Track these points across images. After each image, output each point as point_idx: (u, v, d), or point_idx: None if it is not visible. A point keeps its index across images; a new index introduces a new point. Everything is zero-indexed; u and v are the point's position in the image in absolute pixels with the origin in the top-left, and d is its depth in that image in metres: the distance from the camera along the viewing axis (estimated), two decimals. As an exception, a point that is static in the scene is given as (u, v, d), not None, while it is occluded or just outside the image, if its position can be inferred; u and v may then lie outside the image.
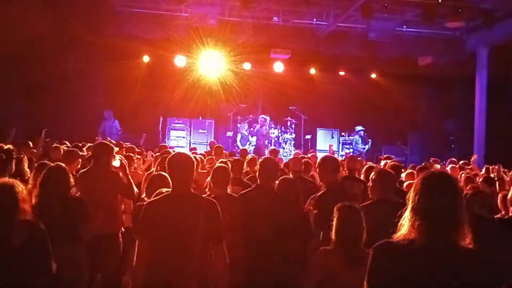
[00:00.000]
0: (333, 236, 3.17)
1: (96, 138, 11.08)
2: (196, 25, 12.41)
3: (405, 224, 1.98)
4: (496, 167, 6.62)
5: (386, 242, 2.01)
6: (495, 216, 3.99)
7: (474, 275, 1.93)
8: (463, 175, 7.57)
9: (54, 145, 7.00)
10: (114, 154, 4.95)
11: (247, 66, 14.92)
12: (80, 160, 5.67)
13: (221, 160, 6.31)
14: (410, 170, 6.56)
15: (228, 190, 4.25)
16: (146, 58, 14.55)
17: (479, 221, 2.93)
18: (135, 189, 5.02)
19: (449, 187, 1.99)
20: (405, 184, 5.53)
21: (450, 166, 8.80)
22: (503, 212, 4.24)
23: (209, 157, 7.85)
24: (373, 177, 3.97)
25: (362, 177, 5.49)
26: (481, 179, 6.17)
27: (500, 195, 4.50)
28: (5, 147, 5.20)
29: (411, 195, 2.02)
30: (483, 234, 2.72)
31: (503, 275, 2.03)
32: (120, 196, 4.86)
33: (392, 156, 11.88)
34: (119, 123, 13.80)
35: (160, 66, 14.59)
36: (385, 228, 2.12)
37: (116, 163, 4.91)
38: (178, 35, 13.28)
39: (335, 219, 3.18)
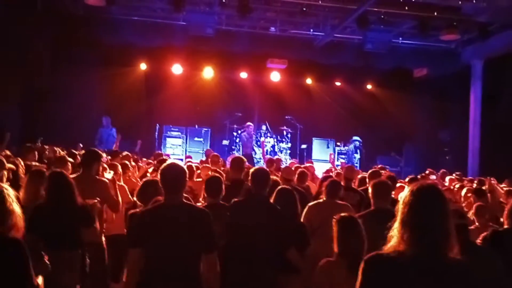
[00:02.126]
0: (335, 248, 3.18)
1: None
2: (193, 34, 12.47)
3: (394, 236, 2.00)
4: (490, 179, 6.67)
5: (377, 254, 2.03)
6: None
7: (464, 285, 1.96)
8: (457, 185, 7.62)
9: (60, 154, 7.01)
10: (105, 165, 4.99)
11: (243, 75, 15.00)
12: (69, 166, 5.67)
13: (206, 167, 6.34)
14: (400, 184, 6.52)
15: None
16: (143, 66, 14.60)
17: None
18: (129, 198, 5.03)
19: (438, 199, 2.02)
20: (399, 196, 5.54)
21: (448, 178, 8.87)
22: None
23: (204, 165, 7.86)
24: (371, 187, 4.02)
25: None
26: (471, 191, 6.22)
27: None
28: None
29: (400, 207, 2.04)
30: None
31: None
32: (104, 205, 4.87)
33: (387, 167, 11.97)
34: (116, 131, 13.77)
35: (157, 74, 14.64)
36: (379, 238, 2.14)
37: (108, 175, 4.93)
38: (175, 44, 13.35)
39: (336, 230, 3.20)
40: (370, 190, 4.02)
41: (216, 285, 3.17)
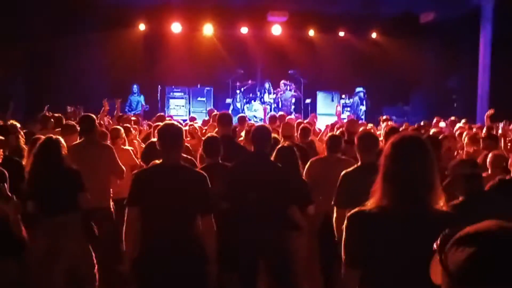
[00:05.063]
0: None
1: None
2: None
3: (377, 191, 1.93)
4: (501, 124, 6.48)
5: (359, 210, 1.97)
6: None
7: None
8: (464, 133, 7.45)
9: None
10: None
11: (244, 30, 14.60)
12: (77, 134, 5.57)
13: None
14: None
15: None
16: (142, 27, 14.25)
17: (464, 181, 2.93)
18: (135, 161, 5.07)
19: (420, 150, 1.93)
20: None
21: (458, 125, 8.69)
22: None
23: (210, 124, 7.75)
24: (357, 140, 3.90)
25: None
26: (484, 136, 6.04)
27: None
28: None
29: (381, 161, 1.96)
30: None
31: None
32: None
33: (393, 117, 11.76)
34: (144, 98, 13.80)
35: (156, 34, 14.32)
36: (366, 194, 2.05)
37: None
38: (173, 1, 12.98)
39: None
40: (356, 143, 3.87)
41: (212, 246, 3.21)
